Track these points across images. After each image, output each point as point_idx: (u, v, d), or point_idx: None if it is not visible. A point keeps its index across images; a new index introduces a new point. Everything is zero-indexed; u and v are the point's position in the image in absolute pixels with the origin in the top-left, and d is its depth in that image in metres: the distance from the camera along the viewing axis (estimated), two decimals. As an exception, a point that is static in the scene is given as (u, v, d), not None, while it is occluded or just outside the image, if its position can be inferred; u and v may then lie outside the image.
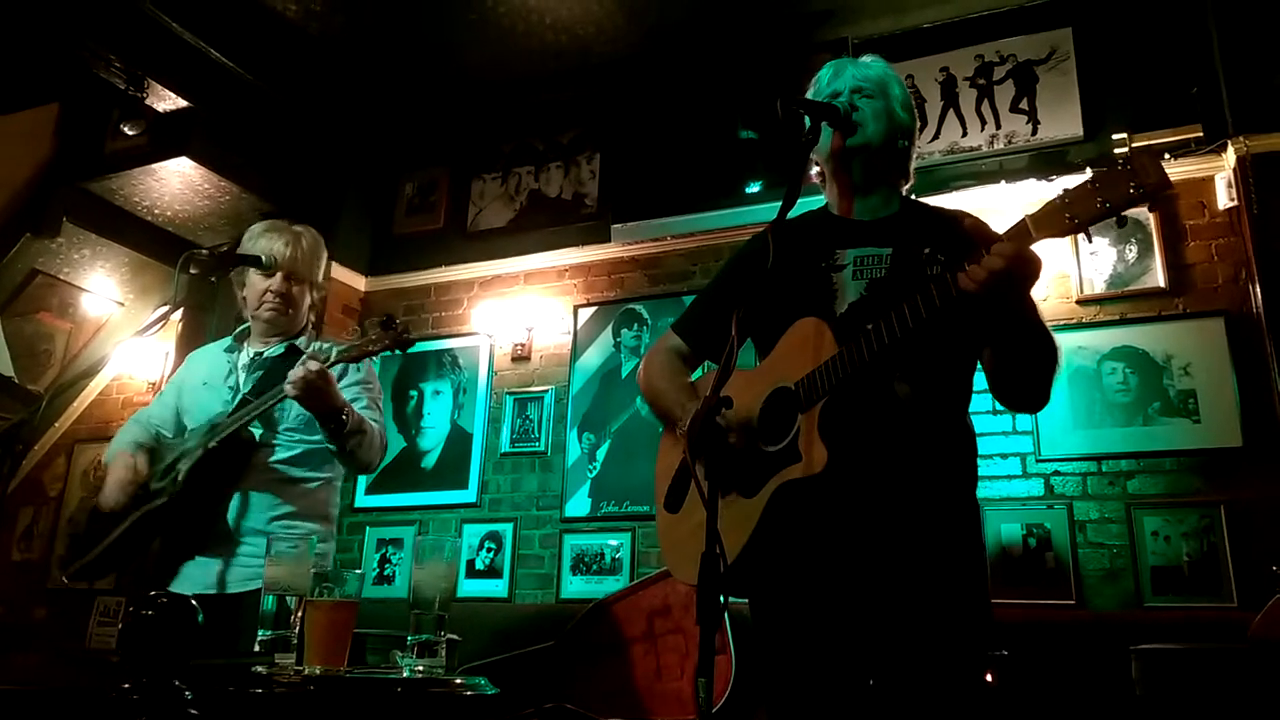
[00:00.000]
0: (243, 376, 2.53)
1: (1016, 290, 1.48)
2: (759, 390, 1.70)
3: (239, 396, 2.45)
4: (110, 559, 2.39)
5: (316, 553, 1.85)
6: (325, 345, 2.29)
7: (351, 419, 2.33)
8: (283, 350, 2.53)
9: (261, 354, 2.56)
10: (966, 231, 1.49)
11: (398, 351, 2.29)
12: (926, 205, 1.89)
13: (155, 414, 2.63)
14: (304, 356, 2.24)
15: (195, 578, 2.35)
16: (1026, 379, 1.68)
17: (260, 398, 2.34)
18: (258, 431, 2.41)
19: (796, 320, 1.69)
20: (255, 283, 2.54)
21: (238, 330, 2.65)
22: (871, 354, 1.53)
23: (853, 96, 1.79)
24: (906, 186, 1.89)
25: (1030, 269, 1.45)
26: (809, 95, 1.84)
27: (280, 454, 2.44)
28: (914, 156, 1.88)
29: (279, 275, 2.51)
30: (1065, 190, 1.38)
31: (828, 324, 1.63)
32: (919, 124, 1.97)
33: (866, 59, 1.88)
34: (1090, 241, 1.41)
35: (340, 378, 2.40)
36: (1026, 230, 1.41)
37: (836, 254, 1.76)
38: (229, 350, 2.62)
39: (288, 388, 2.21)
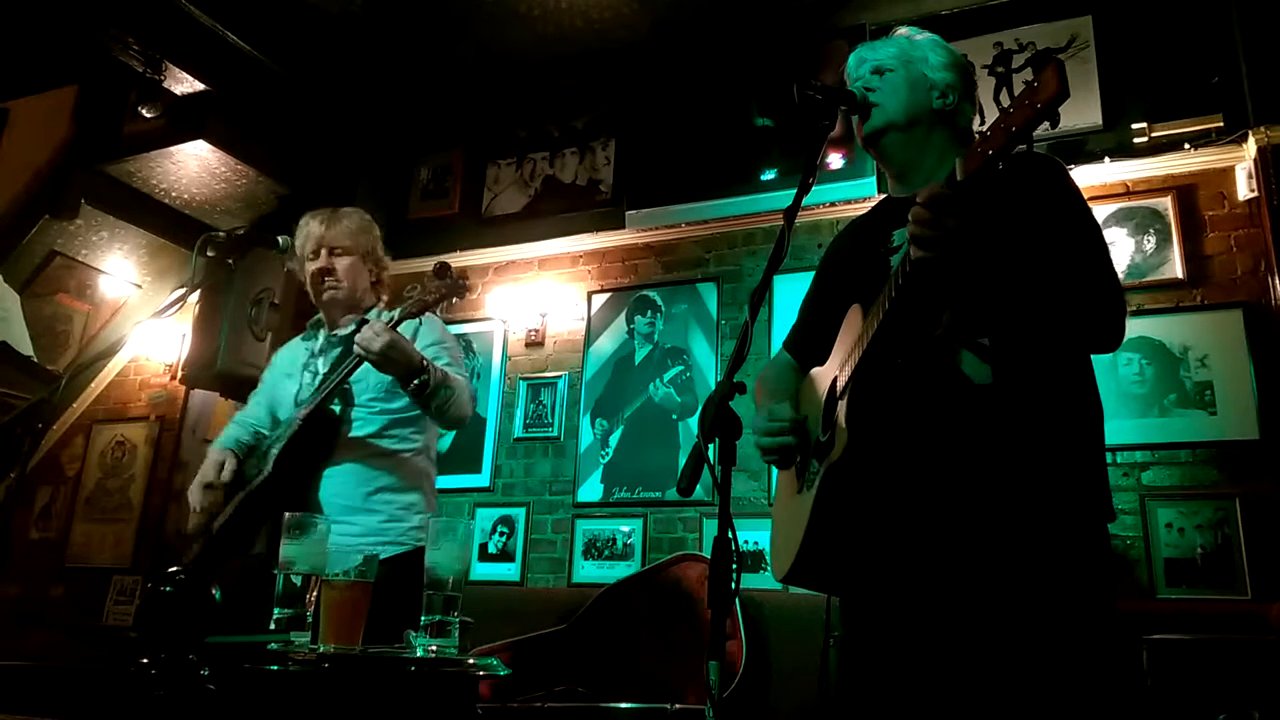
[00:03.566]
0: (320, 360, 2.53)
1: (957, 233, 1.37)
2: (826, 382, 1.69)
3: (319, 378, 2.45)
4: (219, 549, 2.37)
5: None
6: (391, 313, 2.29)
7: (435, 375, 2.29)
8: (354, 327, 2.49)
9: (336, 334, 2.56)
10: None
11: (455, 300, 2.29)
12: None
13: (251, 413, 2.65)
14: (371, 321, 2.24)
15: None
16: (1067, 319, 1.54)
17: (337, 369, 2.34)
18: (337, 408, 2.40)
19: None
20: (306, 270, 2.55)
21: (313, 319, 2.66)
22: (880, 333, 1.50)
23: (872, 78, 1.75)
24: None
25: (959, 208, 1.36)
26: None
27: (365, 428, 2.42)
28: (968, 111, 1.78)
29: (323, 252, 2.53)
30: (988, 124, 1.33)
31: (863, 308, 1.61)
32: (963, 79, 1.85)
33: (900, 30, 1.83)
34: (1001, 169, 1.32)
35: (414, 340, 2.39)
36: (953, 171, 1.36)
37: (893, 237, 1.73)
38: (305, 339, 2.64)
39: (357, 348, 2.20)
